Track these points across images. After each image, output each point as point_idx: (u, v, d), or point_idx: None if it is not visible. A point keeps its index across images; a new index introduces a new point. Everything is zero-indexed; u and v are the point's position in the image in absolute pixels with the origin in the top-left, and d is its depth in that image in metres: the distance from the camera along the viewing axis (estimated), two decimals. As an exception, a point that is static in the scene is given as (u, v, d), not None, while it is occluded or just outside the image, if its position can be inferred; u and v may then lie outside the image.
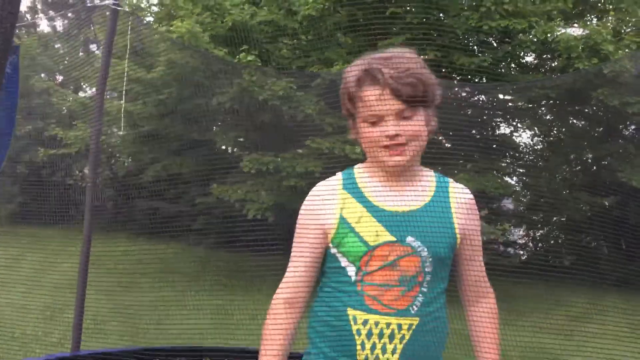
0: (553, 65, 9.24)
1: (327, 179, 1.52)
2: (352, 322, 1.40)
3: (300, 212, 1.52)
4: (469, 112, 9.32)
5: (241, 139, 8.72)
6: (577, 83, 6.86)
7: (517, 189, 10.68)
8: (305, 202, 1.52)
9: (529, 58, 9.67)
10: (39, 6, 18.56)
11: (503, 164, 10.77)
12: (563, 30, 8.20)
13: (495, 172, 9.54)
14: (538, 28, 7.70)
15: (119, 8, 3.19)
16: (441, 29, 8.26)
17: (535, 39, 7.98)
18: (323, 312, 1.46)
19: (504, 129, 10.80)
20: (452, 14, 8.43)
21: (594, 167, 10.66)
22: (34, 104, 10.20)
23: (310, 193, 1.52)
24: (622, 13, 8.78)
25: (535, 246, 12.59)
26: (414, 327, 1.40)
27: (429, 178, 1.52)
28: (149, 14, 9.45)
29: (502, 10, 7.74)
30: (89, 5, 3.56)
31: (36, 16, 18.20)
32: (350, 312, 1.41)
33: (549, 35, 7.87)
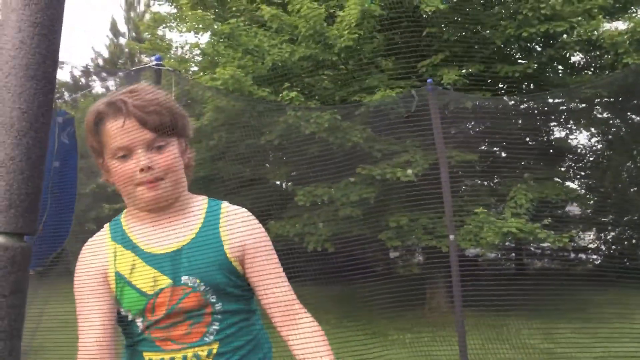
0: (601, 62, 8.98)
1: (96, 234, 1.44)
2: None
3: (76, 275, 1.41)
4: (520, 121, 9.15)
5: (293, 173, 8.85)
6: (629, 78, 6.64)
7: (582, 192, 10.36)
8: (77, 263, 1.41)
9: (576, 58, 9.45)
10: (92, 69, 19.55)
11: (562, 169, 10.48)
12: (607, 26, 7.98)
13: (555, 178, 9.30)
14: (580, 28, 7.54)
15: (161, 68, 3.36)
16: (480, 42, 8.21)
17: (579, 39, 7.81)
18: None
19: (559, 133, 10.55)
20: (489, 26, 8.37)
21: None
22: (94, 162, 10.67)
23: (82, 251, 1.43)
24: (667, 1, 8.48)
25: (609, 249, 12.11)
26: (214, 351, 1.35)
27: (198, 207, 1.43)
28: (193, 65, 9.81)
29: (540, 15, 7.62)
30: (134, 69, 3.74)
31: (90, 79, 19.19)
32: (147, 355, 1.37)
33: (593, 33, 7.68)
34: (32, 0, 0.65)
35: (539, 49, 9.01)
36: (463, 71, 8.11)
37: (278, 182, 9.72)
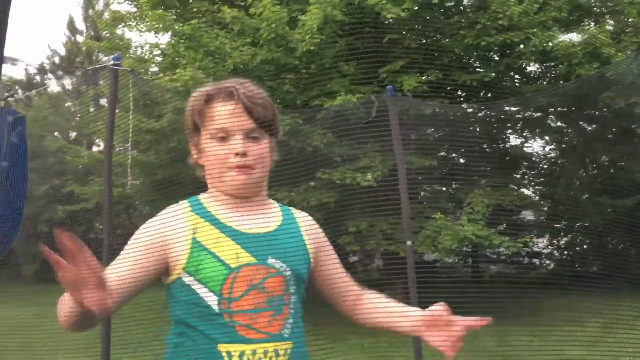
0: (556, 72, 9.25)
1: (171, 206, 1.41)
2: (226, 358, 1.28)
3: (140, 230, 1.39)
4: (477, 129, 9.34)
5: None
6: (582, 88, 6.87)
7: (536, 199, 10.61)
8: (148, 222, 1.39)
9: (532, 68, 9.71)
10: (47, 67, 19.06)
11: (518, 176, 10.73)
12: (562, 38, 8.23)
13: (510, 185, 9.51)
14: (535, 39, 7.74)
15: (118, 68, 3.30)
16: (440, 49, 8.34)
17: (534, 49, 8.02)
18: (188, 356, 1.30)
19: (515, 141, 10.79)
20: (448, 34, 8.52)
21: (611, 170, 10.56)
22: (49, 162, 10.40)
23: (156, 216, 1.40)
24: (618, 15, 8.80)
25: (561, 255, 12.43)
26: (289, 351, 1.33)
27: (274, 206, 1.49)
28: (153, 65, 9.66)
29: (497, 26, 7.80)
30: (90, 68, 3.67)
31: (45, 77, 18.70)
32: (222, 347, 1.28)
33: (548, 44, 7.91)
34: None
35: (496, 58, 9.22)
36: (423, 78, 8.23)
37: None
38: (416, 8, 7.78)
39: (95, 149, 12.49)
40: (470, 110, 8.57)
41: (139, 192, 8.71)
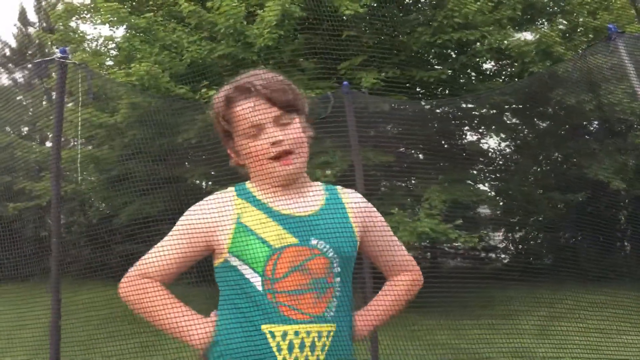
0: (510, 70, 9.44)
1: (218, 192, 1.46)
2: (270, 338, 1.31)
3: (188, 212, 1.44)
4: (435, 125, 9.46)
5: (212, 172, 8.72)
6: (533, 86, 7.03)
7: (492, 194, 10.83)
8: (193, 207, 1.44)
9: (487, 66, 9.89)
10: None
11: (474, 172, 10.92)
12: (516, 37, 8.41)
13: (467, 180, 9.68)
14: (491, 37, 7.89)
15: (67, 62, 3.21)
16: (397, 47, 8.42)
17: (490, 47, 8.17)
18: (233, 336, 1.35)
19: (471, 137, 10.97)
20: (405, 32, 8.60)
21: (564, 166, 10.86)
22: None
23: (200, 202, 1.45)
24: (570, 15, 9.03)
25: (516, 249, 12.73)
26: (332, 334, 1.35)
27: (318, 187, 1.51)
28: (108, 58, 9.46)
29: (454, 24, 7.91)
30: (38, 60, 3.56)
31: (-4, 70, 18.09)
32: (266, 327, 1.32)
33: (502, 42, 8.06)
34: None
35: (453, 55, 9.35)
36: (381, 75, 8.29)
37: (197, 182, 9.55)
38: (374, 5, 7.82)
39: (48, 144, 12.16)
40: (428, 106, 8.68)
41: (94, 188, 8.51)
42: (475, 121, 10.52)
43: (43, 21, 18.01)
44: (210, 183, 9.24)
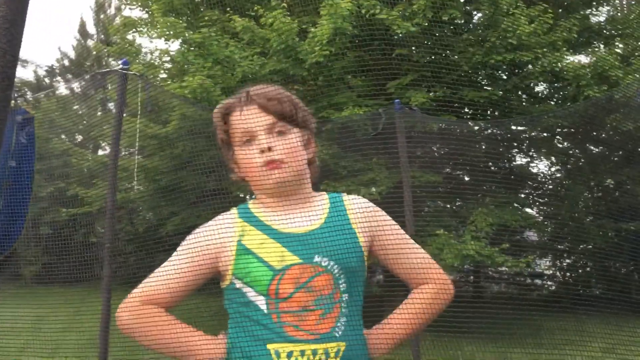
0: (564, 93, 9.24)
1: (222, 214, 1.45)
2: (275, 358, 1.29)
3: (191, 235, 1.43)
4: (484, 147, 9.32)
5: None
6: (590, 110, 6.86)
7: (539, 219, 10.57)
8: (196, 231, 1.43)
9: (539, 88, 9.71)
10: (57, 70, 19.16)
11: (522, 195, 10.69)
12: (570, 59, 8.24)
13: (515, 204, 9.48)
14: (544, 59, 7.75)
15: (127, 72, 3.31)
16: (448, 66, 8.36)
17: (543, 70, 8.02)
18: (241, 356, 1.33)
19: (520, 160, 10.77)
20: (457, 51, 8.54)
21: (616, 193, 10.52)
22: (54, 165, 10.42)
23: (204, 225, 1.43)
24: (629, 38, 8.81)
25: (564, 276, 12.36)
26: (341, 352, 1.31)
27: (321, 199, 1.46)
28: (162, 71, 9.70)
29: (507, 45, 7.81)
30: (99, 71, 3.68)
31: (54, 79, 18.80)
32: (271, 346, 1.30)
33: (556, 64, 7.91)
34: (-6, -9, 0.62)
35: (504, 77, 9.23)
36: (431, 94, 8.24)
37: (242, 195, 9.65)
38: (426, 24, 7.80)
39: (101, 152, 12.51)
40: (477, 127, 8.57)
41: (142, 197, 8.70)
42: (526, 144, 10.32)
43: (101, 34, 18.67)
44: (254, 197, 9.32)
